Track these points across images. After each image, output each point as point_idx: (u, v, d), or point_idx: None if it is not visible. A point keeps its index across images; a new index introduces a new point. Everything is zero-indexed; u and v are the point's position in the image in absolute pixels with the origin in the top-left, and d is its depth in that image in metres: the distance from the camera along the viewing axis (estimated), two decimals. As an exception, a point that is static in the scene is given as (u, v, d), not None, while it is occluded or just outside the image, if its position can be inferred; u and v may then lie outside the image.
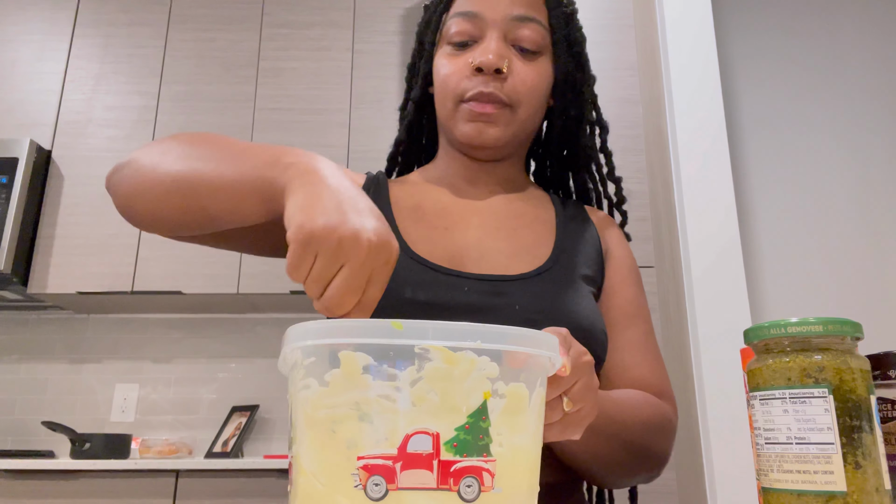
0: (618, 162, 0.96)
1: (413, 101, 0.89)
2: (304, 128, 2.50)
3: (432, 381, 0.35)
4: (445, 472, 0.35)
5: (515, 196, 0.85)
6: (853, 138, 2.82)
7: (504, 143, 0.80)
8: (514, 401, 0.37)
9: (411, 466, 0.35)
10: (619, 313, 0.79)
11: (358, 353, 0.36)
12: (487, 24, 0.79)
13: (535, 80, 0.79)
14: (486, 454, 0.36)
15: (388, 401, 0.35)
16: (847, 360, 0.44)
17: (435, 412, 0.35)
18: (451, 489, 0.35)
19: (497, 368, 0.36)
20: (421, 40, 0.89)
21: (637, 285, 0.83)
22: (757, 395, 0.47)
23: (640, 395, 0.72)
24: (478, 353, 0.36)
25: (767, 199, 2.76)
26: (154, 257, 2.39)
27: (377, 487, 0.34)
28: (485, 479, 0.35)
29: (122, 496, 1.93)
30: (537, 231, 0.81)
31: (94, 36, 2.64)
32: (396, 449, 0.35)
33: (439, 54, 0.83)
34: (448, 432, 0.35)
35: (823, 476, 0.42)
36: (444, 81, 0.80)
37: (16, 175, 2.34)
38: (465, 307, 0.70)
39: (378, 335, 0.36)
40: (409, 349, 0.36)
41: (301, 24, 2.64)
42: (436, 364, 0.36)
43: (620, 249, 0.85)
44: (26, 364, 2.60)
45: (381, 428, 0.35)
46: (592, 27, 2.37)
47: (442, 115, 0.82)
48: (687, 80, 2.13)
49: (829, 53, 2.91)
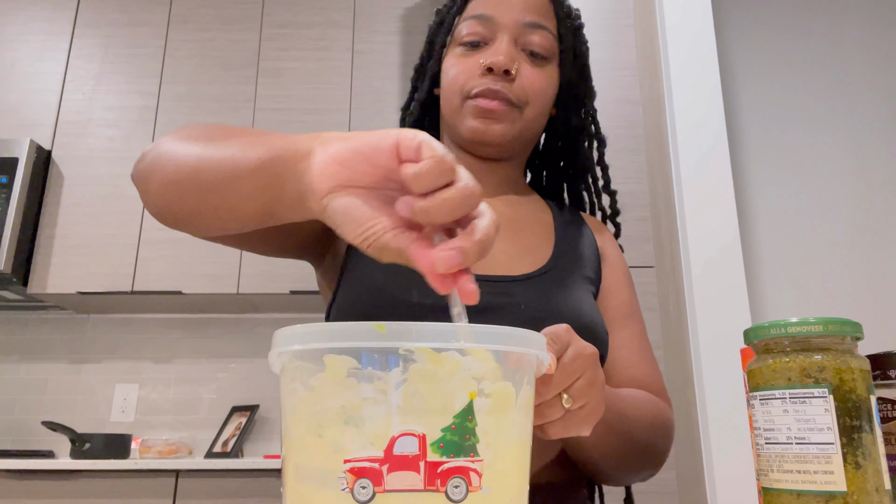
0: (618, 162, 0.97)
1: (419, 101, 0.90)
2: (304, 128, 2.50)
3: (417, 383, 0.35)
4: (432, 473, 0.35)
5: (516, 198, 0.86)
6: (853, 138, 2.82)
7: (509, 140, 0.81)
8: (500, 400, 0.37)
9: (398, 468, 0.34)
10: (615, 313, 0.81)
11: (343, 357, 0.36)
12: (499, 28, 0.81)
13: (543, 84, 0.81)
14: (474, 454, 0.35)
15: (374, 403, 0.35)
16: (847, 360, 0.44)
17: (420, 414, 0.35)
18: (439, 490, 0.35)
19: (482, 368, 0.36)
20: (432, 42, 0.90)
21: (630, 287, 0.85)
22: (757, 395, 0.47)
23: (644, 394, 0.73)
24: (462, 353, 0.36)
25: (767, 199, 2.76)
26: (154, 257, 2.39)
27: (364, 490, 0.34)
28: (472, 479, 0.35)
29: (122, 496, 1.93)
30: (538, 233, 0.82)
31: (94, 36, 2.64)
32: (383, 451, 0.35)
33: (449, 55, 0.84)
34: (434, 433, 0.35)
35: (823, 476, 0.42)
36: (454, 79, 0.81)
37: (16, 175, 2.34)
38: (471, 308, 0.70)
39: (362, 338, 0.36)
40: (393, 351, 0.36)
41: (301, 24, 2.64)
42: (420, 365, 0.35)
43: (615, 253, 0.87)
44: (26, 364, 2.60)
45: (367, 431, 0.35)
46: (592, 27, 2.37)
47: (447, 112, 0.83)
48: (687, 80, 2.13)
49: (829, 53, 2.91)
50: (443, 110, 0.85)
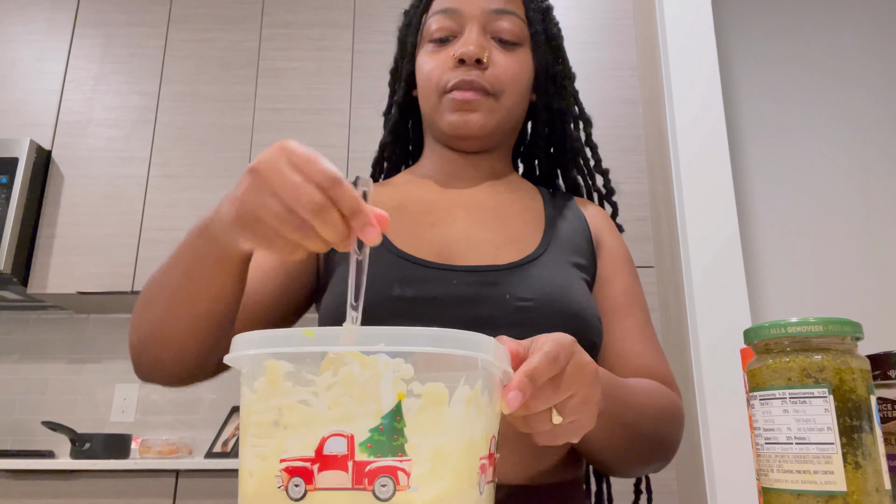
0: (618, 162, 0.96)
1: (397, 103, 0.90)
2: (304, 128, 2.50)
3: (347, 386, 0.36)
4: (360, 472, 0.36)
5: (503, 187, 0.85)
6: (853, 138, 2.82)
7: (489, 131, 0.80)
8: (430, 400, 0.37)
9: (328, 468, 0.36)
10: (614, 303, 0.79)
11: (280, 362, 0.38)
12: (467, 19, 0.81)
13: (516, 69, 0.81)
14: (402, 454, 0.36)
15: (307, 405, 0.37)
16: (847, 360, 0.44)
17: (349, 415, 0.36)
18: (366, 489, 0.36)
19: (412, 369, 0.37)
20: (403, 42, 0.90)
21: (631, 275, 0.83)
22: (757, 395, 0.46)
23: (651, 384, 0.71)
24: (391, 355, 0.37)
25: (767, 199, 2.76)
26: (154, 257, 2.39)
27: (297, 488, 0.36)
28: (400, 478, 0.36)
29: (122, 496, 1.93)
30: (526, 220, 0.81)
31: (94, 36, 2.64)
32: (314, 451, 0.36)
33: (421, 53, 0.84)
34: (362, 434, 0.36)
35: (823, 476, 0.42)
36: (428, 76, 0.81)
37: (16, 175, 2.34)
38: (455, 299, 0.70)
39: (292, 344, 0.37)
40: (323, 355, 0.37)
41: (301, 24, 2.64)
42: (350, 368, 0.37)
43: (613, 240, 0.85)
44: (26, 364, 2.60)
45: (300, 432, 0.36)
46: (592, 27, 2.37)
47: (427, 109, 0.83)
48: (687, 80, 2.13)
49: (829, 52, 2.91)
50: (423, 111, 0.85)
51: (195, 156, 2.50)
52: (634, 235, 2.07)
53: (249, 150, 2.49)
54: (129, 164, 2.49)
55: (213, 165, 2.48)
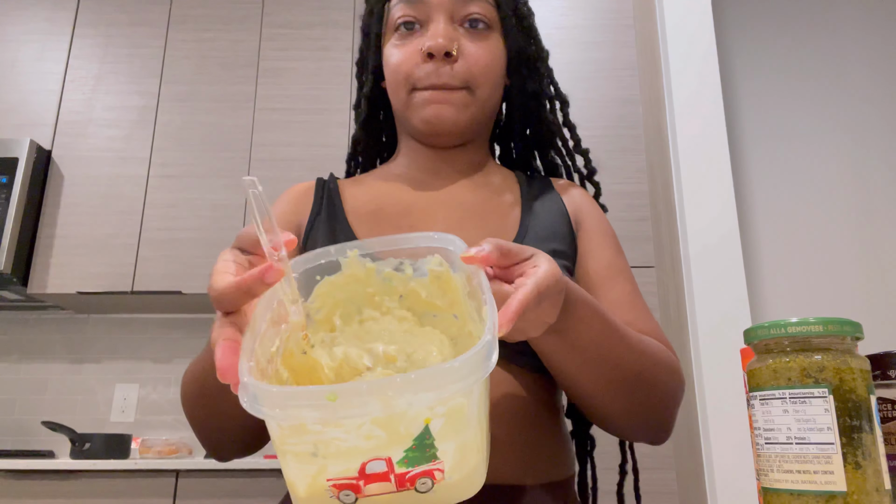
0: (618, 162, 0.96)
1: (366, 97, 0.87)
2: (304, 128, 2.50)
3: (377, 423, 0.39)
4: (402, 479, 0.40)
5: (481, 181, 0.83)
6: (853, 138, 2.82)
7: (464, 126, 0.78)
8: (453, 413, 0.40)
9: (372, 482, 0.40)
10: (597, 277, 0.76)
11: (304, 414, 0.39)
12: (432, 7, 0.77)
13: (488, 59, 0.78)
14: (435, 459, 0.40)
15: (341, 441, 0.39)
16: (847, 360, 0.44)
17: (384, 446, 0.39)
18: (409, 489, 0.41)
19: (434, 397, 0.38)
20: (366, 32, 0.86)
21: (613, 248, 0.79)
22: (757, 395, 0.47)
23: (644, 335, 0.68)
24: (415, 392, 0.37)
25: (767, 199, 2.76)
26: (154, 257, 2.39)
27: (347, 497, 0.40)
28: (436, 475, 0.41)
29: (122, 496, 1.93)
30: (503, 213, 0.79)
31: (94, 36, 2.64)
32: (357, 472, 0.40)
33: (388, 45, 0.81)
34: (398, 455, 0.39)
35: (823, 476, 0.42)
36: (396, 71, 0.78)
37: (16, 175, 2.34)
38: None
39: (318, 408, 0.37)
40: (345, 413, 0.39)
41: (301, 24, 2.64)
42: (377, 416, 0.38)
43: (592, 218, 0.82)
44: (26, 364, 2.60)
45: (339, 461, 0.39)
46: (592, 27, 2.37)
47: (397, 106, 0.80)
48: (687, 80, 2.13)
49: (829, 53, 2.91)
50: (393, 106, 0.82)
51: (195, 156, 2.50)
52: (634, 235, 2.07)
53: (249, 150, 2.49)
54: (129, 164, 2.49)
55: (213, 165, 2.48)
